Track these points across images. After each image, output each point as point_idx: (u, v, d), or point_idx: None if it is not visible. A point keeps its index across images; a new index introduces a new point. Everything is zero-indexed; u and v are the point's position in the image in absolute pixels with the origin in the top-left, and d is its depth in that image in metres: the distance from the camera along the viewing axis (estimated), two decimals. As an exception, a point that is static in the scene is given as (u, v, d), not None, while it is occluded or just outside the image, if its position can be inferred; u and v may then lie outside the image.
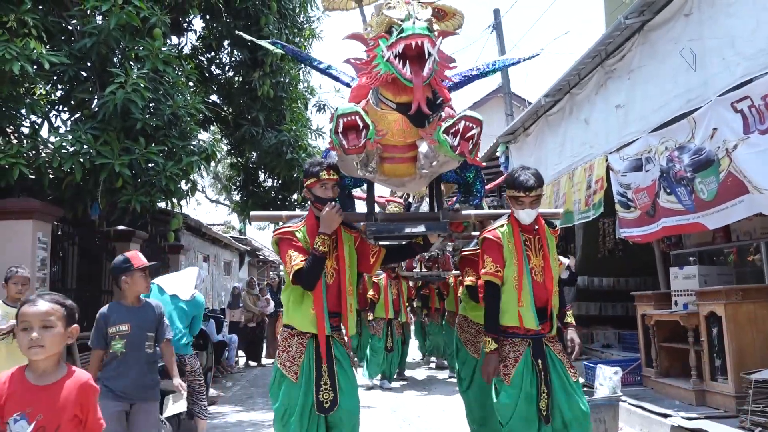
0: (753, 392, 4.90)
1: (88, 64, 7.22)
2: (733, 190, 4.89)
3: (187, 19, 10.38)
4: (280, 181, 11.84)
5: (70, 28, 7.52)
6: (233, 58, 11.07)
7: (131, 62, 7.15)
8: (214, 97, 11.28)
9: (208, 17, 10.26)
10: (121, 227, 9.02)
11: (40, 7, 7.13)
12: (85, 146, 6.64)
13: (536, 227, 3.76)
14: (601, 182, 7.01)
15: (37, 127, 7.36)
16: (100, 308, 4.09)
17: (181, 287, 5.66)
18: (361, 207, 5.36)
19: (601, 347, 9.00)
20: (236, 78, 11.04)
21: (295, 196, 11.67)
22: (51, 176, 7.10)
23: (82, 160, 6.62)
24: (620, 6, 10.05)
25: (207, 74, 10.93)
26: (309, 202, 3.72)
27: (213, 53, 11.08)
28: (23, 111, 6.98)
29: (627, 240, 6.96)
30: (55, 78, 7.32)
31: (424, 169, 3.39)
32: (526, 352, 3.64)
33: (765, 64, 4.60)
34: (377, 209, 7.93)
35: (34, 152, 7.00)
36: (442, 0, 3.63)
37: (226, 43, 10.63)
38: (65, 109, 7.91)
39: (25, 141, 7.17)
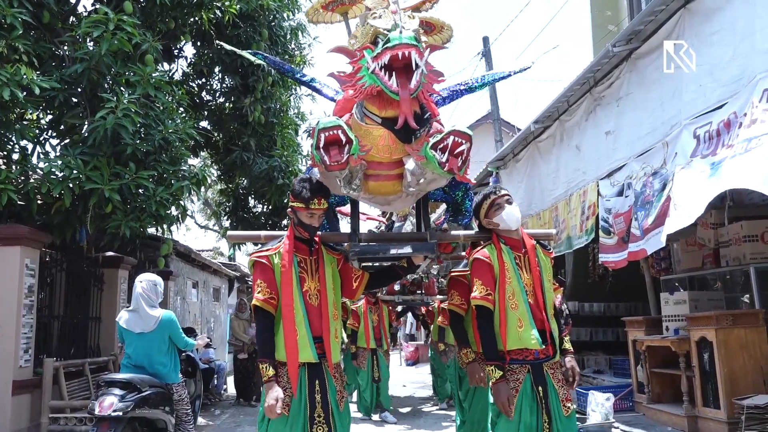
0: (745, 418, 4.88)
1: (79, 89, 7.22)
2: (663, 215, 5.08)
3: (178, 46, 10.44)
4: (270, 207, 11.80)
5: (60, 53, 7.53)
6: (224, 85, 11.13)
7: (122, 88, 7.14)
8: (204, 123, 11.30)
9: (199, 44, 10.32)
10: (110, 253, 8.94)
11: (32, 33, 7.14)
12: (74, 171, 6.61)
13: (524, 247, 3.54)
14: (593, 208, 7.04)
15: (26, 152, 7.33)
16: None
17: (140, 319, 5.26)
18: (345, 224, 5.12)
19: (593, 373, 8.97)
20: (227, 104, 11.07)
21: (285, 221, 11.60)
22: (39, 202, 7.04)
23: (71, 185, 6.60)
24: (608, 34, 10.20)
25: (198, 100, 10.96)
26: (289, 220, 3.48)
27: (204, 79, 11.13)
28: (13, 136, 6.95)
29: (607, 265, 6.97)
30: (45, 103, 7.31)
31: (411, 187, 3.21)
32: (525, 380, 3.35)
33: (735, 91, 4.69)
34: (374, 228, 7.85)
35: (23, 178, 6.96)
36: (430, 12, 3.51)
37: (217, 69, 10.69)
38: (55, 134, 7.89)
39: (14, 166, 7.13)
